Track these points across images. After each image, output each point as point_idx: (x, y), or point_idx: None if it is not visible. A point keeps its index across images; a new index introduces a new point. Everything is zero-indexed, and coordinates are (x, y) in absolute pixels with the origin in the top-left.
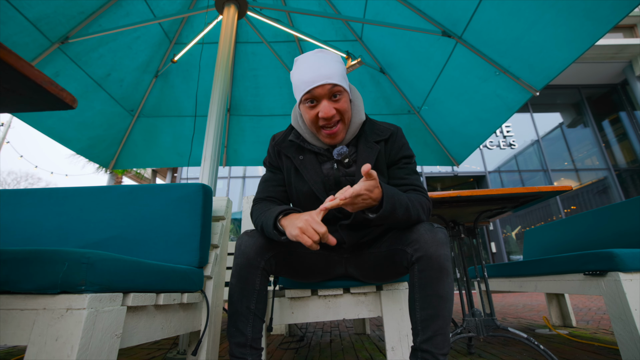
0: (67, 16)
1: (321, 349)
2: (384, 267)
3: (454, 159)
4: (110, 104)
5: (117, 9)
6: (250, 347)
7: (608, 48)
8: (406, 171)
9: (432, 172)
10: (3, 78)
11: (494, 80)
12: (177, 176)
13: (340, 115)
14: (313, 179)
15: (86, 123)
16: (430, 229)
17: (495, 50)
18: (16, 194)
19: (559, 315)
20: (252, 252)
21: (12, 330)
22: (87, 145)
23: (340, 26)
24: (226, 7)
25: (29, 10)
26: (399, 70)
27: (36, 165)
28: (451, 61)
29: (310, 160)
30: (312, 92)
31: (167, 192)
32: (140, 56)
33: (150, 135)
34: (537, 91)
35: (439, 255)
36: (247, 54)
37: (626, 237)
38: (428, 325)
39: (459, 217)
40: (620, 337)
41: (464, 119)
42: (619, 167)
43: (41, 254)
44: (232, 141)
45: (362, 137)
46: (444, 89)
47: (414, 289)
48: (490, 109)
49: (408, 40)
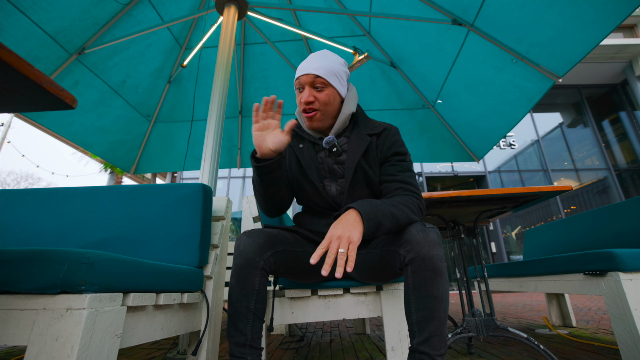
0: (83, 28)
1: (321, 349)
2: (379, 268)
3: (474, 155)
4: (127, 109)
5: (129, 18)
6: (250, 347)
7: (608, 48)
8: (398, 168)
9: (432, 172)
10: (3, 78)
11: (511, 69)
12: (177, 176)
13: (319, 105)
14: (309, 165)
15: (105, 128)
16: (422, 230)
17: (510, 36)
18: (16, 194)
19: (559, 315)
20: (250, 252)
21: (12, 330)
22: (108, 149)
23: (347, 21)
24: (226, 7)
25: (47, 24)
26: (410, 63)
27: (37, 165)
28: (464, 51)
29: (307, 148)
30: (299, 79)
31: (167, 192)
32: (153, 63)
33: (167, 140)
34: (559, 78)
35: (432, 255)
36: (255, 55)
37: (626, 237)
38: (424, 326)
39: (459, 217)
40: (620, 337)
41: (481, 113)
42: (619, 167)
43: (41, 254)
44: (245, 142)
45: (355, 129)
46: (458, 81)
47: (409, 290)
48: (509, 101)
49: (417, 31)
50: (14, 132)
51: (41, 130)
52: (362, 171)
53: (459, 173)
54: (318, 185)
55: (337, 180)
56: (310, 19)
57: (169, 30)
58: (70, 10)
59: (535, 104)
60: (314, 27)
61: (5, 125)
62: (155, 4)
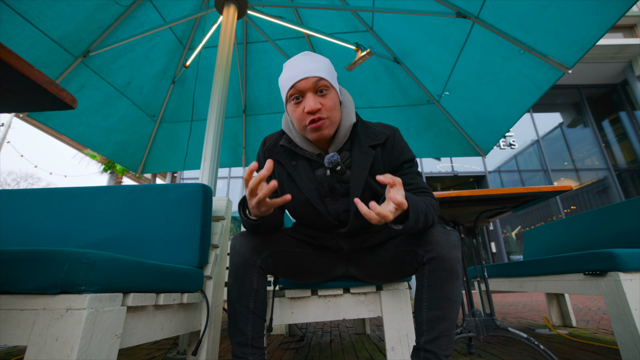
0: (87, 32)
1: (321, 349)
2: (389, 267)
3: (480, 149)
4: (132, 109)
5: (132, 20)
6: (251, 347)
7: (608, 48)
8: (411, 175)
9: (432, 172)
10: (3, 78)
11: (519, 59)
12: (177, 176)
13: (326, 112)
14: (307, 186)
15: (112, 129)
16: (443, 232)
17: (518, 26)
18: (16, 194)
19: (559, 315)
20: (247, 251)
21: (12, 330)
22: (115, 150)
23: (349, 17)
24: (225, 7)
25: (53, 31)
26: (413, 58)
27: (36, 165)
28: (469, 43)
29: (303, 166)
30: (297, 87)
31: (167, 193)
32: (157, 64)
33: (172, 140)
34: (569, 69)
35: (451, 257)
36: (258, 53)
37: (626, 237)
38: (434, 326)
39: (459, 217)
40: (620, 337)
41: (489, 103)
42: (619, 167)
43: (41, 254)
44: (249, 141)
45: (356, 142)
46: (465, 71)
47: (422, 289)
48: (518, 90)
49: (421, 26)
50: (14, 132)
51: (41, 131)
52: (368, 188)
53: (459, 173)
54: (319, 208)
55: (339, 199)
56: (312, 16)
57: (172, 31)
58: (75, 17)
59: (545, 92)
60: (315, 24)
61: (5, 125)
62: (157, 5)
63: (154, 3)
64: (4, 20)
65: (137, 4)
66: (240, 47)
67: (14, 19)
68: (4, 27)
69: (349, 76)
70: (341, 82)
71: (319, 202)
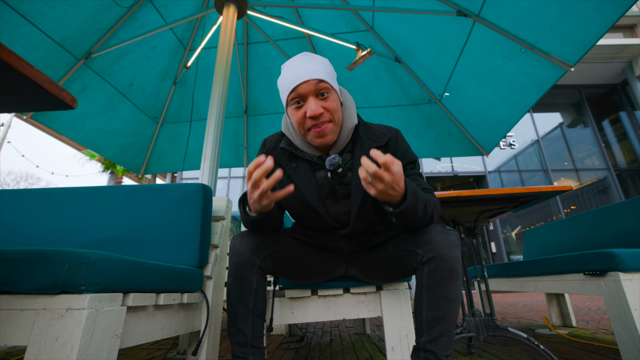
0: (89, 33)
1: (321, 349)
2: (389, 267)
3: (483, 148)
4: (135, 112)
5: (133, 22)
6: (251, 347)
7: (608, 48)
8: (413, 177)
9: (432, 172)
10: (3, 78)
11: (521, 57)
12: (177, 176)
13: (329, 116)
14: (308, 189)
15: (115, 131)
16: (443, 231)
17: (519, 24)
18: (17, 194)
19: (559, 315)
20: (247, 251)
21: (12, 330)
22: (118, 152)
23: (350, 17)
24: (225, 7)
25: (55, 33)
26: (415, 57)
27: (37, 165)
28: (470, 42)
29: (303, 168)
30: (298, 90)
31: (167, 192)
32: (159, 65)
33: (174, 141)
34: (571, 67)
35: (451, 257)
36: (259, 54)
37: (626, 237)
38: (434, 326)
39: (459, 217)
40: (620, 337)
41: (491, 102)
42: (619, 167)
43: (41, 254)
44: (251, 141)
45: (357, 143)
46: (466, 72)
47: (422, 289)
48: (520, 88)
49: (422, 24)
50: (14, 132)
51: (42, 131)
52: None
53: (459, 173)
54: (320, 211)
55: (340, 201)
56: (312, 16)
57: (173, 32)
58: (77, 18)
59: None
60: (316, 24)
61: (5, 125)
62: (158, 6)
63: (155, 4)
64: (6, 22)
65: (138, 5)
66: (241, 48)
67: (16, 20)
68: (6, 29)
69: (350, 76)
70: (342, 82)
71: (320, 204)
